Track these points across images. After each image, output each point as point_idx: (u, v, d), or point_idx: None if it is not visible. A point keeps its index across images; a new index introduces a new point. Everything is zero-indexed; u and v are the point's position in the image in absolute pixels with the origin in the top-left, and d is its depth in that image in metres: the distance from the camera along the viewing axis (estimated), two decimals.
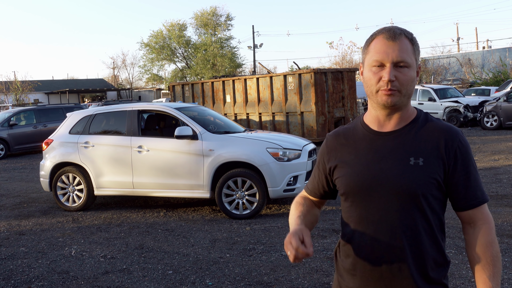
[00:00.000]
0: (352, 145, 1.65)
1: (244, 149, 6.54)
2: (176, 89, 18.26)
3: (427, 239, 1.55)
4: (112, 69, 58.96)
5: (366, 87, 1.58)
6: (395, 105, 1.53)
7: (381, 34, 1.54)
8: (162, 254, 5.22)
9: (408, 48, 1.52)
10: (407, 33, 1.55)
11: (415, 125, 1.59)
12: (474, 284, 4.02)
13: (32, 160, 14.82)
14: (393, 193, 1.54)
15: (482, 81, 29.18)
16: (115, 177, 7.17)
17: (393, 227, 1.54)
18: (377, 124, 1.62)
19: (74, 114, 7.86)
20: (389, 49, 1.51)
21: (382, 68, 1.52)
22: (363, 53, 1.61)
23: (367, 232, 1.58)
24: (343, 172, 1.64)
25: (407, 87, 1.52)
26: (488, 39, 76.89)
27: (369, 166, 1.58)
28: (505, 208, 6.41)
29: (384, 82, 1.51)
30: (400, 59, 1.50)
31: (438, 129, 1.57)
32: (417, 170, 1.52)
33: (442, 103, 18.28)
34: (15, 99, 39.01)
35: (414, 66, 1.54)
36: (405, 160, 1.54)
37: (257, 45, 46.26)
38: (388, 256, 1.55)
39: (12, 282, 4.58)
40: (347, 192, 1.62)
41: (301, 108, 14.16)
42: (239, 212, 6.56)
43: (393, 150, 1.57)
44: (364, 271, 1.60)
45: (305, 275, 4.39)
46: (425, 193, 1.52)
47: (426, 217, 1.55)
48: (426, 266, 1.55)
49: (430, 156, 1.53)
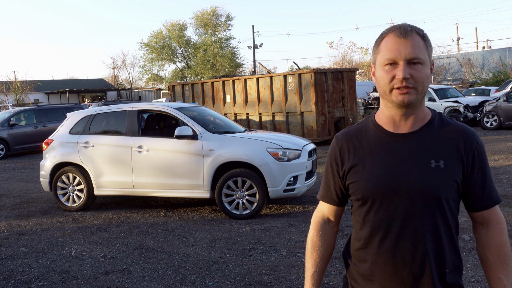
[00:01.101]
0: (367, 148, 1.60)
1: (244, 149, 6.54)
2: (176, 89, 18.26)
3: (447, 242, 1.54)
4: (112, 69, 59.00)
5: (379, 87, 1.54)
6: (411, 103, 1.50)
7: (392, 32, 1.51)
8: (162, 254, 5.22)
9: (420, 45, 1.49)
10: (418, 30, 1.52)
11: (431, 126, 1.56)
12: (474, 284, 4.02)
13: (32, 160, 14.82)
14: (415, 197, 1.50)
15: (482, 81, 29.18)
16: (115, 177, 7.18)
17: (416, 231, 1.51)
18: (392, 125, 1.57)
19: (74, 114, 7.86)
20: (401, 46, 1.48)
21: (395, 66, 1.49)
22: (373, 53, 1.58)
23: (388, 237, 1.54)
24: (360, 176, 1.58)
25: (423, 84, 1.49)
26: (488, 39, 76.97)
27: (388, 169, 1.53)
28: (505, 208, 6.41)
29: (399, 80, 1.47)
30: (413, 56, 1.47)
31: (456, 131, 1.55)
32: (439, 173, 1.50)
33: (442, 103, 18.28)
34: (15, 99, 39.03)
35: (428, 63, 1.51)
36: (426, 163, 1.51)
37: (257, 45, 46.27)
38: (410, 261, 1.51)
39: (12, 282, 4.58)
40: (366, 196, 1.57)
41: (301, 108, 14.16)
42: (239, 212, 6.56)
43: (412, 152, 1.53)
44: (384, 277, 1.56)
45: (303, 275, 4.38)
46: (447, 196, 1.51)
47: (447, 220, 1.53)
48: (446, 269, 1.54)
49: (450, 158, 1.51)
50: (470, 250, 4.82)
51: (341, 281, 1.77)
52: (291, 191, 6.50)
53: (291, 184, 6.49)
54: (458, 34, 52.18)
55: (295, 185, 6.51)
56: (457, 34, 51.72)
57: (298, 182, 6.55)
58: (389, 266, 1.54)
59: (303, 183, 6.61)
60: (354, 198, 1.63)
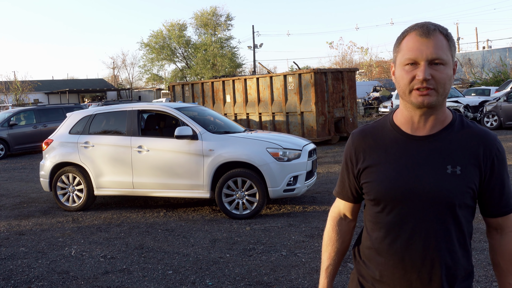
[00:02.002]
0: (382, 148, 1.56)
1: (244, 149, 6.54)
2: (176, 89, 18.26)
3: (459, 249, 1.52)
4: (112, 69, 59.00)
5: (399, 87, 1.49)
6: (431, 105, 1.45)
7: (414, 31, 1.46)
8: (162, 254, 5.22)
9: (444, 44, 1.43)
10: (442, 29, 1.46)
11: (451, 129, 1.51)
12: (474, 284, 4.02)
13: (32, 160, 14.82)
14: (428, 202, 1.48)
15: (482, 81, 29.18)
16: (115, 177, 7.17)
17: (427, 236, 1.49)
18: (411, 127, 1.53)
19: (74, 114, 7.86)
20: (423, 46, 1.42)
21: (415, 66, 1.44)
22: (394, 52, 1.53)
23: (399, 240, 1.52)
24: (374, 177, 1.56)
25: (444, 85, 1.43)
26: (488, 39, 76.95)
27: (403, 173, 1.50)
28: None
29: (419, 80, 1.42)
30: (435, 56, 1.41)
31: (476, 136, 1.50)
32: (455, 180, 1.46)
33: None
34: (15, 99, 39.03)
35: (451, 63, 1.45)
36: (442, 168, 1.47)
37: (257, 45, 46.26)
38: (419, 265, 1.50)
39: (12, 282, 4.58)
40: (378, 198, 1.54)
41: (301, 108, 14.16)
42: (239, 212, 6.56)
43: (428, 156, 1.49)
44: (392, 279, 1.55)
45: (305, 275, 4.39)
46: (461, 203, 1.48)
47: (460, 226, 1.51)
48: (457, 276, 1.52)
49: (468, 164, 1.47)
50: None
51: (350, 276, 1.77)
52: (291, 191, 6.50)
53: (291, 184, 6.49)
54: (458, 34, 52.12)
55: (295, 185, 6.51)
56: (457, 34, 51.70)
57: (298, 182, 6.55)
58: (397, 269, 1.53)
59: (303, 183, 6.61)
60: (368, 198, 1.61)
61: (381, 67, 43.71)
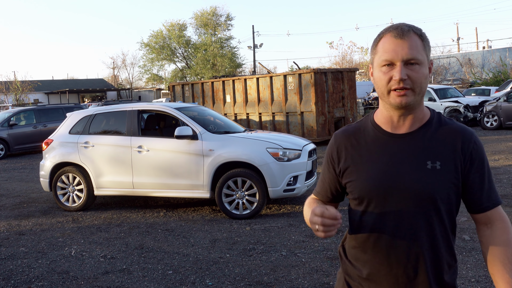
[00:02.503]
0: (364, 147, 1.59)
1: (244, 149, 6.54)
2: (176, 89, 18.26)
3: (442, 243, 1.54)
4: (112, 69, 59.02)
5: (377, 88, 1.53)
6: (409, 105, 1.48)
7: (389, 33, 1.50)
8: (162, 254, 5.22)
9: (418, 45, 1.47)
10: (416, 29, 1.50)
11: (430, 127, 1.55)
12: (474, 284, 4.02)
13: (32, 160, 14.82)
14: (411, 198, 1.50)
15: (482, 81, 29.18)
16: (115, 177, 7.17)
17: (411, 232, 1.51)
18: (391, 126, 1.56)
19: (74, 114, 7.86)
20: (398, 47, 1.46)
21: (392, 67, 1.47)
22: (371, 54, 1.57)
23: (383, 237, 1.54)
24: (357, 175, 1.58)
25: (420, 85, 1.47)
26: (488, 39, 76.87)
27: (385, 170, 1.53)
28: (505, 208, 6.41)
29: (396, 81, 1.46)
30: (410, 57, 1.45)
31: (454, 132, 1.54)
32: (435, 175, 1.49)
33: (442, 103, 18.28)
34: (15, 99, 39.02)
35: (426, 63, 1.49)
36: (422, 164, 1.50)
37: (257, 45, 46.27)
38: (405, 261, 1.52)
39: (12, 282, 4.58)
40: (362, 196, 1.57)
41: (301, 108, 14.16)
42: (239, 212, 6.56)
43: (409, 153, 1.52)
44: (378, 276, 1.57)
45: (305, 275, 4.39)
46: (443, 197, 1.50)
47: (443, 221, 1.53)
48: (442, 270, 1.55)
49: (447, 159, 1.50)
50: (470, 250, 4.81)
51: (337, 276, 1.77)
52: (291, 191, 6.50)
53: (291, 184, 6.49)
54: (458, 34, 52.20)
55: (295, 185, 6.51)
56: (457, 34, 51.74)
57: (298, 182, 6.55)
58: (383, 266, 1.55)
59: (303, 183, 6.61)
60: (351, 197, 1.63)
61: None
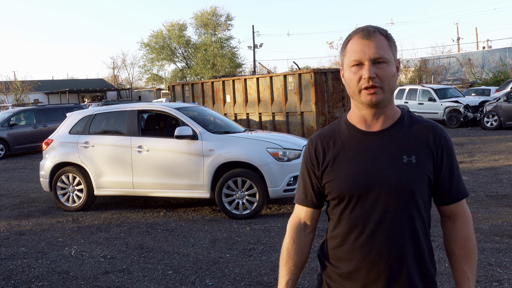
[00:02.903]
0: (341, 147, 1.63)
1: (244, 149, 6.54)
2: (176, 89, 18.25)
3: (422, 236, 1.58)
4: (112, 69, 58.99)
5: (348, 88, 1.59)
6: (379, 103, 1.54)
7: (356, 35, 1.56)
8: (162, 254, 5.22)
9: (384, 44, 1.54)
10: (381, 30, 1.57)
11: (402, 123, 1.61)
12: (476, 285, 4.02)
13: (32, 160, 14.82)
14: (390, 192, 1.54)
15: (482, 81, 29.17)
16: (115, 177, 7.17)
17: (392, 226, 1.54)
18: (364, 124, 1.61)
19: (74, 114, 7.86)
20: (365, 47, 1.52)
21: (361, 67, 1.53)
22: (341, 56, 1.63)
23: (365, 233, 1.56)
24: (336, 174, 1.61)
25: (389, 82, 1.54)
26: (488, 39, 76.86)
27: (363, 167, 1.57)
28: (505, 208, 6.41)
29: (365, 79, 1.51)
30: (377, 56, 1.52)
31: (425, 127, 1.60)
32: (412, 168, 1.54)
33: (442, 103, 18.28)
34: (15, 99, 39.00)
35: (393, 62, 1.56)
36: (398, 159, 1.55)
37: (257, 45, 46.26)
38: (387, 255, 1.54)
39: (12, 282, 4.58)
40: (342, 194, 1.59)
41: (301, 108, 14.16)
42: (239, 212, 6.56)
43: (385, 149, 1.57)
44: (360, 273, 1.58)
45: (305, 275, 4.39)
46: (420, 190, 1.55)
47: (421, 214, 1.57)
48: (423, 263, 1.58)
49: (421, 153, 1.56)
50: None
51: (316, 279, 1.77)
52: (291, 191, 6.49)
53: (291, 184, 6.48)
54: (458, 34, 51.98)
55: (295, 185, 6.51)
56: (457, 34, 51.61)
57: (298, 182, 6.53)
58: (365, 262, 1.56)
59: None
60: (330, 198, 1.64)
61: None
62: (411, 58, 38.61)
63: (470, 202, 6.82)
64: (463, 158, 10.68)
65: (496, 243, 5.01)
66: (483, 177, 8.52)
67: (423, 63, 35.63)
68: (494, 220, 5.83)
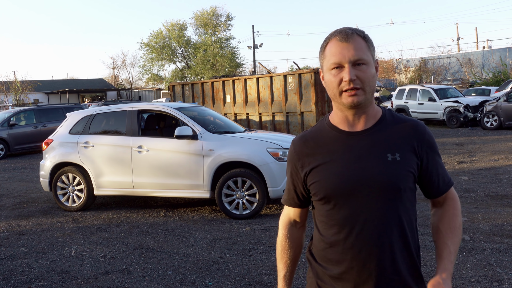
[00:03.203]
0: (325, 148, 1.64)
1: (244, 149, 6.54)
2: (176, 89, 18.25)
3: (409, 232, 1.59)
4: (112, 69, 58.99)
5: (329, 91, 1.59)
6: (360, 104, 1.56)
7: (334, 37, 1.57)
8: (162, 254, 5.22)
9: (363, 46, 1.55)
10: (359, 32, 1.58)
11: (384, 122, 1.63)
12: (474, 284, 4.02)
13: (32, 160, 14.82)
14: (377, 190, 1.55)
15: (482, 81, 29.16)
16: (115, 177, 7.17)
17: (380, 224, 1.55)
18: (347, 125, 1.63)
19: (74, 114, 7.86)
20: (344, 50, 1.54)
21: (341, 69, 1.55)
22: (320, 59, 1.64)
23: (353, 233, 1.56)
24: (321, 175, 1.61)
25: (369, 83, 1.55)
26: (488, 39, 76.82)
27: (348, 167, 1.58)
28: (505, 208, 6.41)
29: (346, 82, 1.53)
30: (357, 58, 1.53)
31: (408, 125, 1.63)
32: (396, 165, 1.56)
33: (442, 103, 18.28)
34: (15, 99, 39.00)
35: (372, 63, 1.57)
36: (383, 157, 1.57)
37: (257, 45, 46.25)
38: (377, 254, 1.55)
39: (12, 282, 4.58)
40: (328, 195, 1.59)
41: (301, 108, 14.16)
42: (239, 212, 6.56)
43: (369, 148, 1.58)
44: (351, 273, 1.58)
45: (305, 275, 4.38)
46: (405, 186, 1.57)
47: (407, 210, 1.59)
48: (412, 258, 1.60)
49: (405, 151, 1.58)
50: (470, 250, 4.81)
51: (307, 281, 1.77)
52: None
53: None
54: (458, 34, 52.00)
55: None
56: (457, 34, 51.60)
57: None
58: (356, 262, 1.57)
59: None
60: (316, 199, 1.65)
61: (381, 67, 43.70)
62: (411, 58, 38.61)
63: (470, 202, 6.82)
64: (463, 158, 10.68)
65: (496, 243, 5.00)
66: (483, 177, 8.52)
67: (423, 63, 35.62)
68: (494, 220, 5.83)
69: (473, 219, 5.91)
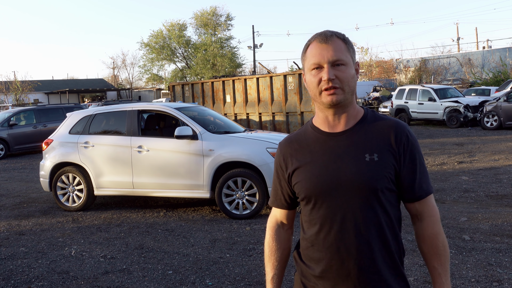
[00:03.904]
0: (307, 149, 1.68)
1: (244, 149, 6.54)
2: (176, 89, 18.25)
3: (389, 232, 1.60)
4: (112, 69, 59.00)
5: (310, 91, 1.64)
6: (339, 103, 1.59)
7: (315, 40, 1.62)
8: (162, 254, 5.22)
9: (342, 47, 1.60)
10: (339, 34, 1.63)
11: (365, 122, 1.65)
12: (474, 284, 4.02)
13: (32, 160, 14.82)
14: (353, 190, 1.57)
15: (482, 81, 29.16)
16: (115, 177, 7.17)
17: (357, 223, 1.57)
18: (328, 126, 1.66)
19: (74, 114, 7.86)
20: (324, 51, 1.59)
21: (320, 70, 1.59)
22: (302, 61, 1.68)
23: (332, 232, 1.59)
24: (302, 176, 1.65)
25: (348, 83, 1.59)
26: (488, 39, 76.83)
27: (326, 167, 1.61)
28: (505, 208, 6.41)
29: (325, 81, 1.57)
30: (336, 58, 1.58)
31: (387, 125, 1.63)
32: (373, 166, 1.57)
33: (442, 103, 18.27)
34: (15, 99, 39.00)
35: (351, 64, 1.61)
36: (360, 157, 1.59)
37: (257, 45, 46.25)
38: (355, 253, 1.57)
39: (12, 282, 4.58)
40: (308, 195, 1.63)
41: (301, 108, 14.16)
42: (239, 212, 6.56)
43: (347, 148, 1.61)
44: (331, 272, 1.61)
45: None
46: (383, 187, 1.57)
47: (386, 210, 1.60)
48: (392, 259, 1.61)
49: (384, 151, 1.59)
50: (470, 250, 4.81)
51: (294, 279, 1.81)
52: None
53: None
54: (458, 34, 52.04)
55: None
56: (457, 34, 51.61)
57: None
58: (335, 260, 1.59)
59: None
60: (300, 199, 1.70)
61: (381, 67, 43.71)
62: (411, 58, 38.60)
63: (470, 202, 6.83)
64: (463, 158, 10.69)
65: (496, 243, 5.01)
66: (483, 177, 8.52)
67: (423, 63, 35.61)
68: (494, 220, 5.83)
69: (473, 219, 5.91)
